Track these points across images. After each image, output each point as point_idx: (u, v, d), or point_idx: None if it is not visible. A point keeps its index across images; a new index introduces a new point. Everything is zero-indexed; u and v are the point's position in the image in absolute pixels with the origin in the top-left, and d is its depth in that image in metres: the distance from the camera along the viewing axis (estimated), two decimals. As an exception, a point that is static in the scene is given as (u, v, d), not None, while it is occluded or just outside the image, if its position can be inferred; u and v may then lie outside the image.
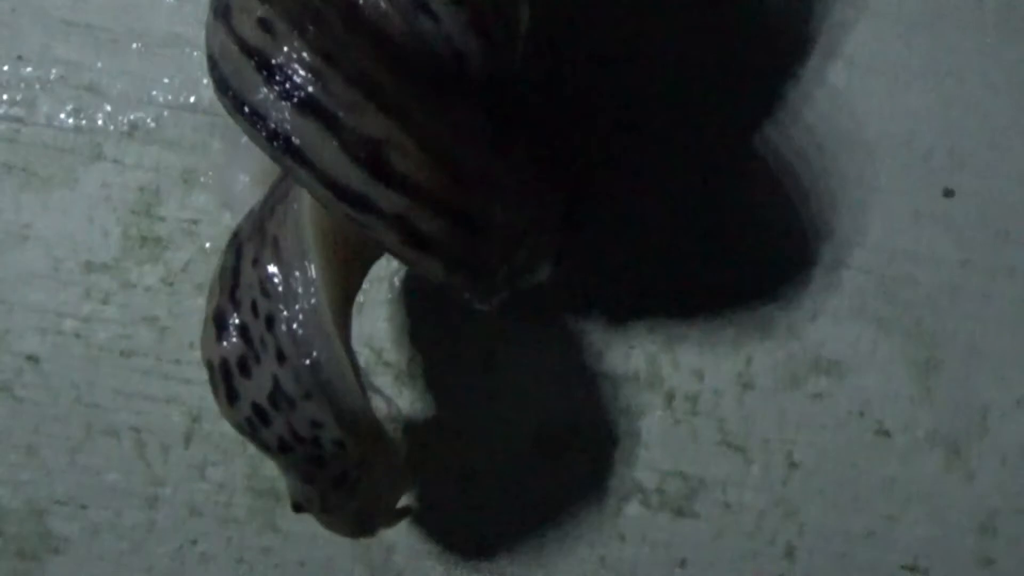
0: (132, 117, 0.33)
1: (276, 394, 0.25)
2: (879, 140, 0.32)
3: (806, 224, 0.32)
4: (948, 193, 0.32)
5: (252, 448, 0.31)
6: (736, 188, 0.32)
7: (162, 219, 0.32)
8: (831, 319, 0.32)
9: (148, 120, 0.33)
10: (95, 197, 0.32)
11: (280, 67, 0.23)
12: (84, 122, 0.33)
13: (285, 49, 0.23)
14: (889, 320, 0.32)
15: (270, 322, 0.25)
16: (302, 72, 0.23)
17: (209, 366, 0.26)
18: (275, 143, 0.23)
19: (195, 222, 0.32)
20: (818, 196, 0.32)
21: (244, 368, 0.26)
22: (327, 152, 0.23)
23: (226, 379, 0.26)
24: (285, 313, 0.25)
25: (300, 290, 0.26)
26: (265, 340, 0.25)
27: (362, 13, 0.24)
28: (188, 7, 0.32)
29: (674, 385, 0.32)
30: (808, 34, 0.32)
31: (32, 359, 0.32)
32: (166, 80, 0.32)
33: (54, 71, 0.32)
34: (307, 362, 0.25)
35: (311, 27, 0.24)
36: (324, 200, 0.24)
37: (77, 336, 0.32)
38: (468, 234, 0.25)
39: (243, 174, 0.30)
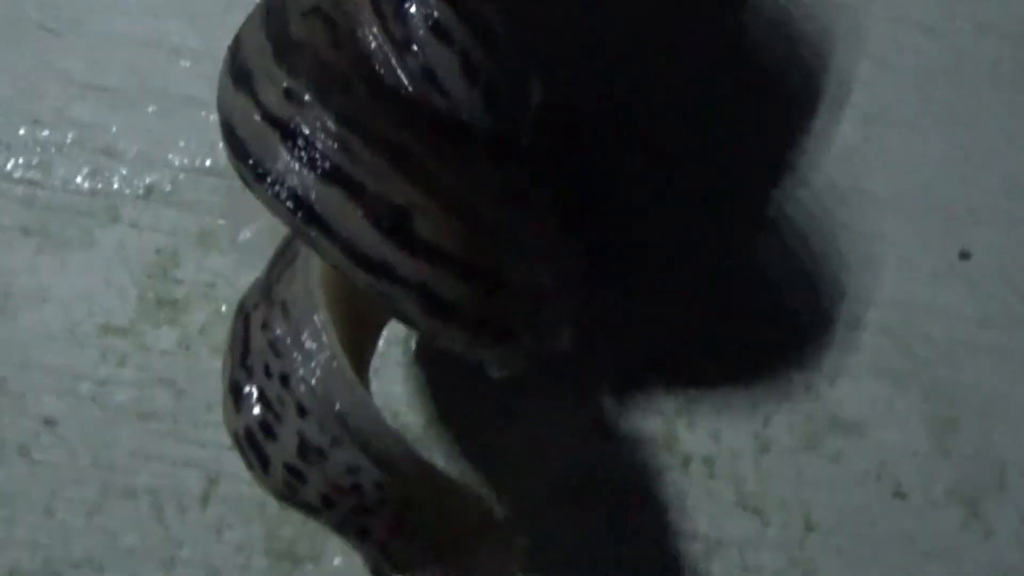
0: (149, 179, 0.33)
1: (305, 448, 0.25)
2: (896, 195, 0.32)
3: (822, 281, 0.32)
4: (964, 255, 0.32)
5: (270, 510, 0.32)
6: (751, 246, 0.32)
7: (179, 281, 0.32)
8: (848, 378, 0.32)
9: (165, 182, 0.33)
10: (112, 259, 0.32)
11: (305, 137, 0.23)
12: (101, 185, 0.33)
13: (311, 118, 0.23)
14: (906, 378, 0.32)
15: (285, 380, 0.25)
16: (328, 142, 0.23)
17: (236, 439, 0.26)
18: (298, 213, 0.23)
19: (212, 284, 0.32)
20: (834, 253, 0.32)
21: (268, 431, 0.25)
22: (351, 221, 0.23)
23: (253, 447, 0.26)
24: (300, 369, 0.25)
25: (313, 346, 0.25)
26: (283, 398, 0.25)
27: (383, 80, 0.24)
28: (204, 69, 0.32)
29: (690, 446, 0.32)
30: (822, 89, 0.32)
31: (49, 422, 0.32)
32: (182, 143, 0.32)
33: (70, 134, 0.33)
34: (329, 409, 0.25)
35: (336, 95, 0.24)
36: (345, 268, 0.23)
37: (94, 399, 0.32)
38: (492, 297, 0.25)
39: (248, 229, 0.30)
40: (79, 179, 0.33)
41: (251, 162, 0.24)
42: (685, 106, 0.32)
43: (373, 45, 0.24)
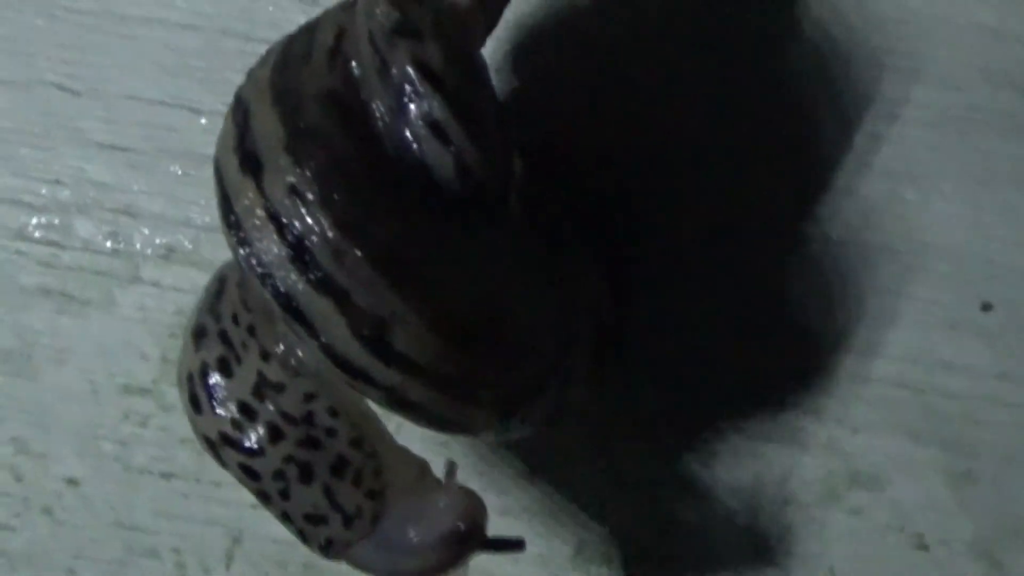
0: (169, 239, 0.33)
1: (262, 385, 0.25)
2: (914, 249, 0.32)
3: (842, 336, 0.32)
4: (986, 307, 0.32)
5: (292, 568, 0.32)
6: (772, 302, 0.32)
7: None
8: (869, 432, 0.32)
9: (185, 242, 0.33)
10: (133, 320, 0.33)
11: (302, 240, 0.23)
12: (121, 245, 0.33)
13: (310, 222, 0.23)
14: (926, 433, 0.32)
15: (251, 330, 0.26)
16: (323, 249, 0.23)
17: (188, 378, 0.26)
18: (283, 306, 0.24)
19: (233, 344, 0.32)
20: (854, 308, 0.32)
21: (225, 369, 0.26)
22: (335, 329, 0.23)
23: (204, 384, 0.26)
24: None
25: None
26: (247, 343, 0.26)
27: (387, 175, 0.25)
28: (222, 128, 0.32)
29: (711, 500, 0.32)
30: (840, 146, 0.32)
31: (72, 482, 0.32)
32: (203, 201, 0.32)
33: (90, 194, 0.33)
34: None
35: (339, 196, 0.24)
36: (323, 364, 0.24)
37: (116, 458, 0.32)
38: (460, 402, 0.25)
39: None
40: (99, 239, 0.33)
41: (244, 244, 0.24)
42: (708, 159, 0.32)
43: (385, 141, 0.25)
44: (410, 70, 0.24)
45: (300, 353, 0.25)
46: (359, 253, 0.23)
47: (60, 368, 0.32)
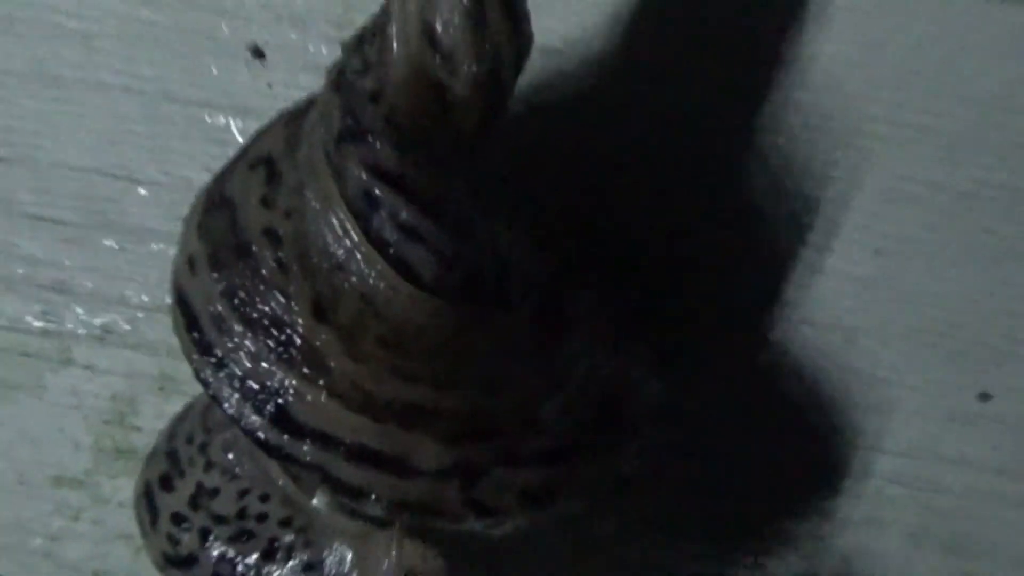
0: (104, 319, 0.33)
1: (198, 495, 0.28)
2: (911, 334, 0.31)
3: (836, 428, 0.31)
4: (985, 397, 0.30)
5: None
6: (765, 389, 0.31)
7: (138, 429, 0.33)
8: (862, 530, 0.31)
9: (121, 322, 0.33)
10: (65, 405, 0.33)
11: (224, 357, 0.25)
12: (52, 324, 0.33)
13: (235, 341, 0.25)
14: (923, 531, 0.31)
15: (203, 447, 0.28)
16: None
17: (136, 501, 0.28)
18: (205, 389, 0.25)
19: (173, 433, 0.32)
20: (849, 398, 0.31)
21: (167, 485, 0.28)
22: (246, 411, 0.25)
23: (149, 504, 0.28)
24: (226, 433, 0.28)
25: None
26: (195, 459, 0.28)
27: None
28: (163, 199, 0.32)
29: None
30: (834, 224, 0.31)
31: None
32: (141, 279, 0.32)
33: (20, 270, 0.32)
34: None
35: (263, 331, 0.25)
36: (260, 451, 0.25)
37: (46, 555, 0.32)
38: (404, 479, 0.25)
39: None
40: (29, 318, 0.33)
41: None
42: (692, 246, 0.32)
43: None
44: (363, 175, 0.24)
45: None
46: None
47: None
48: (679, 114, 0.31)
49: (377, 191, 0.24)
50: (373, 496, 0.25)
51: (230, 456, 0.28)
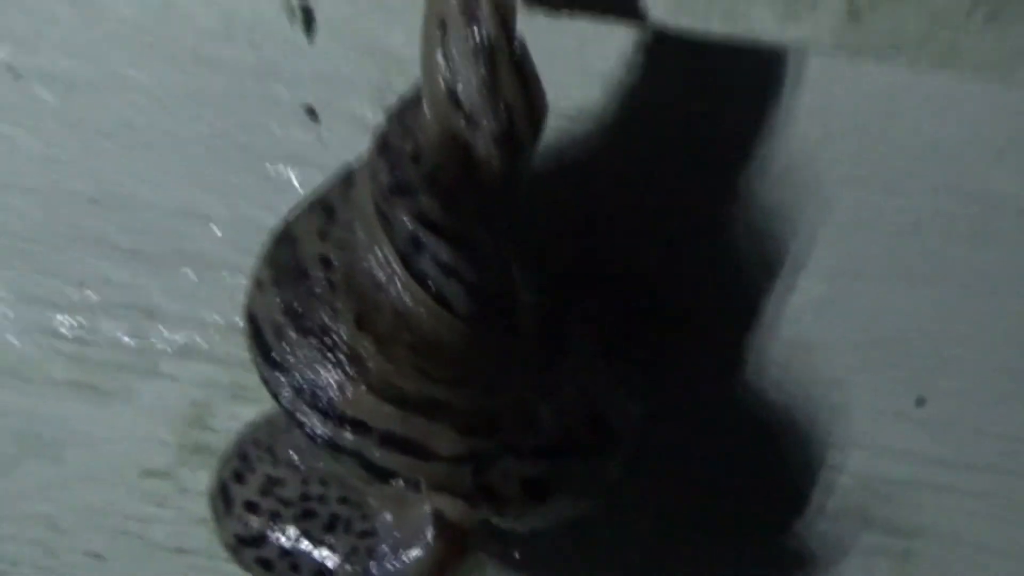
0: (184, 337, 0.35)
1: (268, 483, 0.30)
2: (860, 346, 0.34)
3: (798, 426, 0.34)
4: (920, 401, 0.34)
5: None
6: (739, 394, 0.35)
7: (214, 430, 0.35)
8: (817, 516, 0.35)
9: (199, 340, 0.35)
10: (152, 410, 0.35)
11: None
12: (141, 342, 0.35)
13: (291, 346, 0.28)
14: (869, 515, 0.34)
15: (270, 448, 0.31)
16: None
17: (211, 496, 0.31)
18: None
19: (243, 433, 0.34)
20: (808, 401, 0.34)
21: (239, 479, 0.30)
22: (293, 400, 0.28)
23: (224, 496, 0.31)
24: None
25: None
26: (263, 458, 0.31)
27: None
28: (232, 235, 0.34)
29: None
30: (797, 256, 0.34)
31: (96, 556, 0.35)
32: (214, 303, 0.35)
33: (114, 296, 0.35)
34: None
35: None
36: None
37: (136, 536, 0.35)
38: (426, 463, 0.28)
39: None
40: (122, 336, 0.35)
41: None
42: (681, 279, 0.35)
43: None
44: (409, 222, 0.27)
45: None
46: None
47: (87, 453, 0.35)
48: (672, 170, 0.34)
49: (422, 236, 0.27)
50: (400, 478, 0.28)
51: (291, 453, 0.30)
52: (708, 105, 0.34)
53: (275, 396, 0.28)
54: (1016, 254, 0.34)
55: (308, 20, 0.33)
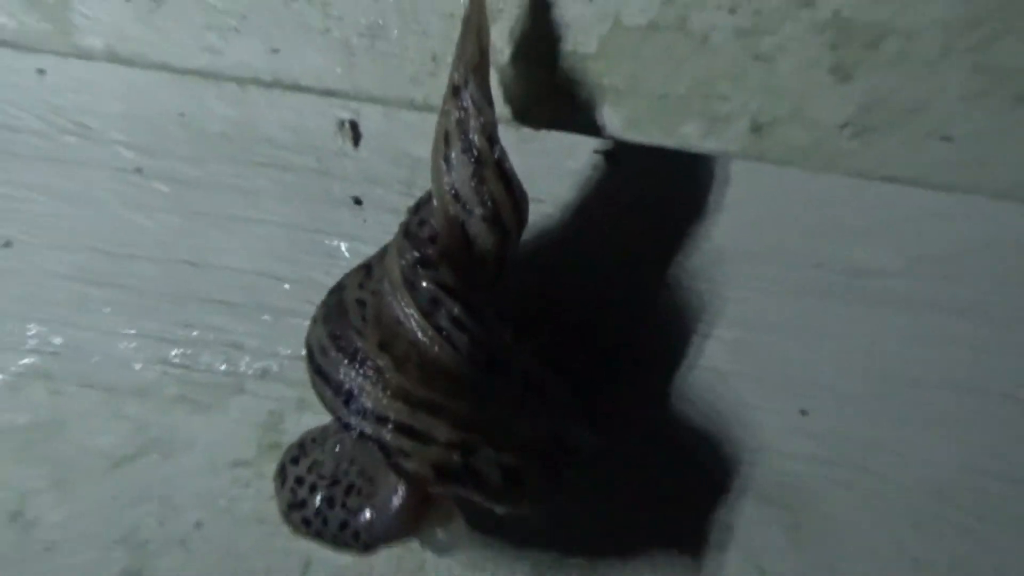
0: (263, 365, 0.43)
1: (313, 466, 0.37)
2: (760, 373, 0.43)
3: (718, 435, 0.44)
4: (804, 412, 0.44)
5: (345, 584, 0.45)
6: (675, 413, 0.43)
7: (285, 432, 0.43)
8: (736, 500, 0.44)
9: (274, 367, 0.43)
10: (239, 418, 0.43)
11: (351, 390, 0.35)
12: (231, 368, 0.43)
13: (332, 362, 0.35)
14: (769, 499, 0.44)
15: (319, 442, 0.37)
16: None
17: (274, 477, 0.37)
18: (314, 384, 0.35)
19: (306, 436, 0.44)
20: (724, 418, 0.44)
21: (294, 461, 0.37)
22: (333, 401, 0.34)
23: (282, 476, 0.37)
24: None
25: None
26: (314, 447, 0.37)
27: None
28: (297, 291, 0.43)
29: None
30: (717, 315, 0.43)
31: (199, 524, 0.44)
32: (284, 340, 0.43)
33: (210, 335, 0.43)
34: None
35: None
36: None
37: (227, 510, 0.43)
38: (428, 446, 0.33)
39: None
40: (216, 363, 0.43)
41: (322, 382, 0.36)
42: (633, 336, 0.43)
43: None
44: (430, 287, 0.34)
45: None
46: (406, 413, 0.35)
47: (191, 450, 0.44)
48: (622, 244, 0.42)
49: (440, 298, 0.34)
50: (408, 457, 0.33)
51: (335, 443, 0.37)
52: (652, 195, 0.41)
53: (320, 397, 0.35)
54: (876, 311, 0.43)
55: (356, 135, 0.41)
